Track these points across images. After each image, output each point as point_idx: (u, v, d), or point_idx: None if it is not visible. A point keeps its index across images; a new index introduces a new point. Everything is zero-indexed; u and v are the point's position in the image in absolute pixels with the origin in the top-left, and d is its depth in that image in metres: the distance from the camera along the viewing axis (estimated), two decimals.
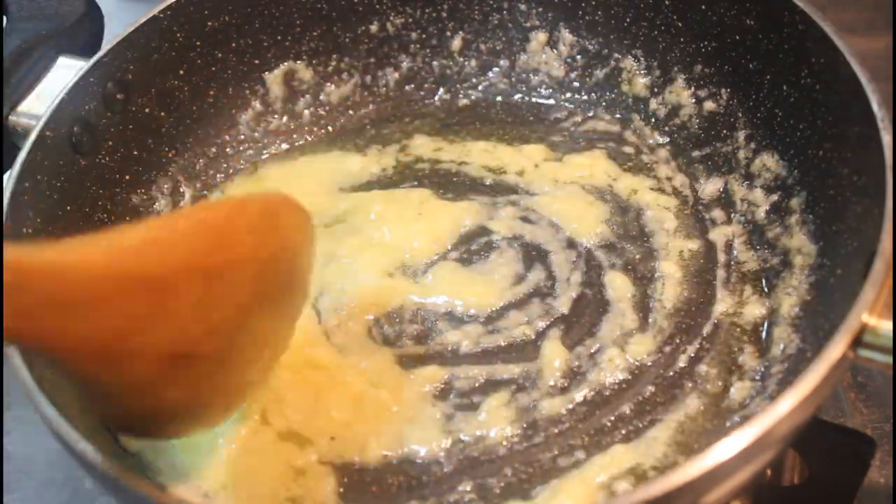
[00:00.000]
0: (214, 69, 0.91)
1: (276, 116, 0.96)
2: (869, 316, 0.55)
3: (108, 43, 0.82)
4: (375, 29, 0.96)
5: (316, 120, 0.97)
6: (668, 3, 0.87)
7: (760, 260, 0.79)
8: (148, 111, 0.86)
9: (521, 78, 0.97)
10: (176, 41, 0.87)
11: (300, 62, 0.95)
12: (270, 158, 0.94)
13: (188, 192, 0.89)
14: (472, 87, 0.98)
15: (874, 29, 1.14)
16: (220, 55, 0.91)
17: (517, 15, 0.96)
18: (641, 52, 0.91)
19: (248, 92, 0.94)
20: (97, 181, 0.81)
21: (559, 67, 0.95)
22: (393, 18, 0.96)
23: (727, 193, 0.84)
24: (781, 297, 0.74)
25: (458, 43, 0.97)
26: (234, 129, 0.94)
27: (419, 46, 0.97)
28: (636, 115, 0.92)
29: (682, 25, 0.87)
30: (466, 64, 0.98)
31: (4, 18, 0.88)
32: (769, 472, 0.73)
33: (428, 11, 0.96)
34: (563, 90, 0.96)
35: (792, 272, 0.74)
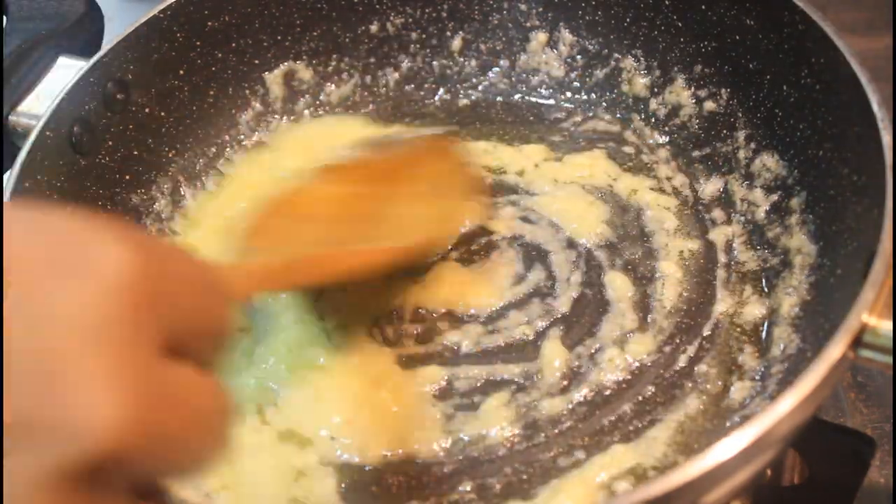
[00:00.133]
0: (214, 69, 0.91)
1: (276, 116, 0.96)
2: (869, 316, 0.55)
3: (108, 43, 0.82)
4: (375, 29, 0.96)
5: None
6: (668, 3, 0.87)
7: (760, 260, 0.79)
8: (148, 111, 0.86)
9: (521, 78, 0.97)
10: (176, 41, 0.87)
11: (300, 62, 0.95)
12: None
13: (188, 192, 0.89)
14: (472, 87, 0.98)
15: (874, 29, 1.14)
16: (220, 55, 0.91)
17: (517, 15, 0.96)
18: (641, 52, 0.91)
19: (248, 92, 0.94)
20: (97, 181, 0.81)
21: (559, 67, 0.95)
22: (393, 18, 0.96)
23: (727, 193, 0.84)
24: (781, 297, 0.74)
25: (458, 43, 0.97)
26: (234, 129, 0.94)
27: (419, 46, 0.97)
28: (636, 115, 0.92)
29: (682, 25, 0.87)
30: (466, 64, 0.98)
31: (4, 18, 0.88)
32: (769, 472, 0.73)
33: (428, 11, 0.96)
34: (563, 90, 0.96)
35: (792, 272, 0.75)
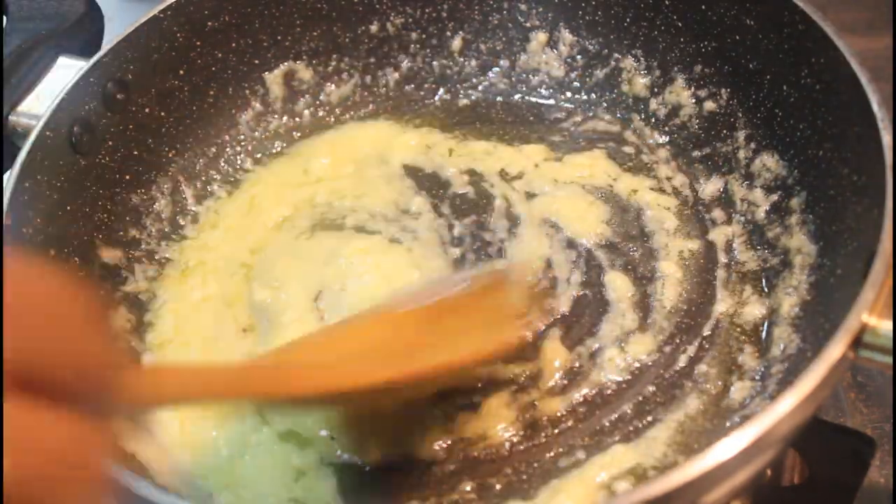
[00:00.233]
0: (214, 69, 0.91)
1: (276, 116, 0.95)
2: (869, 316, 0.55)
3: (108, 43, 0.82)
4: (375, 29, 0.96)
5: (316, 120, 0.97)
6: (668, 3, 0.87)
7: (760, 260, 0.79)
8: (148, 111, 0.86)
9: (521, 78, 0.97)
10: (176, 41, 0.87)
11: (300, 62, 0.95)
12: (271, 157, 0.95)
13: (188, 191, 0.89)
14: (472, 87, 0.98)
15: (874, 29, 1.14)
16: (220, 55, 0.91)
17: (517, 15, 0.96)
18: (641, 52, 0.91)
19: (248, 92, 0.94)
20: (97, 181, 0.81)
21: (559, 67, 0.95)
22: (393, 18, 0.96)
23: (727, 193, 0.84)
24: (781, 297, 0.74)
25: (458, 43, 0.97)
26: (234, 129, 0.94)
27: (419, 46, 0.97)
28: (636, 115, 0.92)
29: (682, 25, 0.87)
30: (466, 64, 0.97)
31: (4, 18, 0.88)
32: (769, 472, 0.73)
33: (428, 11, 0.96)
34: (563, 90, 0.96)
35: (792, 272, 0.74)
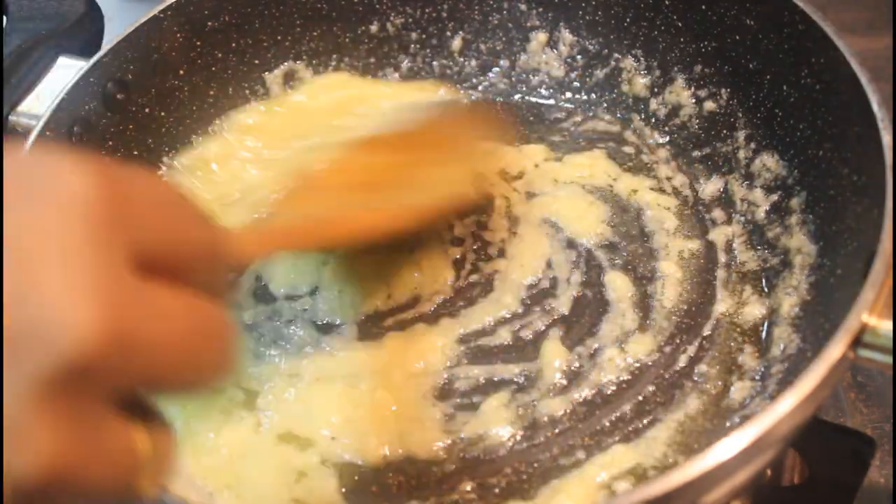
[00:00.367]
0: (214, 69, 0.91)
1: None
2: (869, 316, 0.55)
3: (108, 43, 0.82)
4: (375, 29, 0.96)
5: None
6: (668, 3, 0.87)
7: (760, 260, 0.79)
8: (148, 111, 0.86)
9: (521, 78, 0.97)
10: (176, 41, 0.87)
11: (300, 62, 0.95)
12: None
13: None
14: (472, 87, 0.98)
15: (874, 29, 1.14)
16: (220, 55, 0.91)
17: (517, 15, 0.96)
18: (641, 52, 0.91)
19: (247, 92, 0.94)
20: None
21: (559, 67, 0.95)
22: (393, 18, 0.96)
23: (727, 193, 0.84)
24: (781, 297, 0.74)
25: (458, 43, 0.97)
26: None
27: (419, 46, 0.97)
28: (636, 115, 0.92)
29: (682, 25, 0.87)
30: (466, 64, 0.98)
31: (4, 18, 0.88)
32: (769, 472, 0.73)
33: (428, 11, 0.96)
34: (563, 90, 0.96)
35: (792, 272, 0.74)
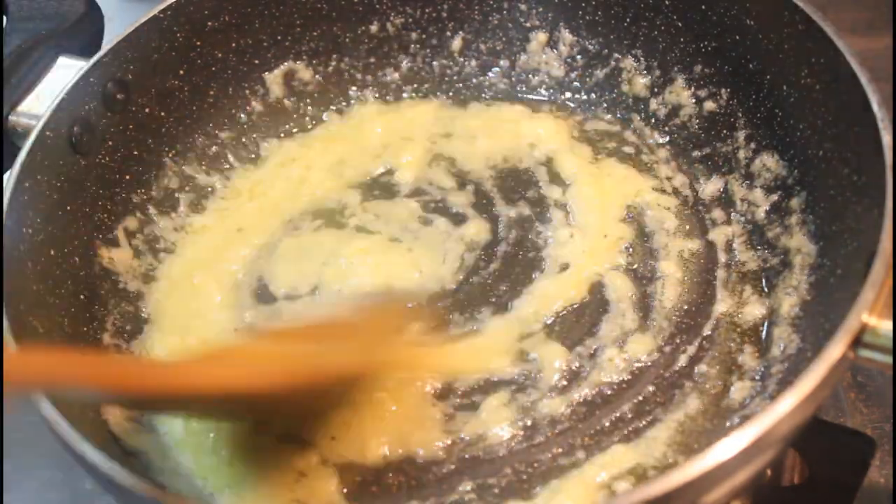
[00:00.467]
0: (214, 69, 0.91)
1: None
2: (869, 316, 0.55)
3: (108, 43, 0.82)
4: (375, 29, 0.96)
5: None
6: (668, 3, 0.87)
7: (760, 260, 0.79)
8: (148, 111, 0.86)
9: (521, 78, 0.97)
10: (176, 41, 0.87)
11: (300, 62, 0.95)
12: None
13: (188, 192, 0.89)
14: (473, 87, 0.98)
15: (874, 29, 1.14)
16: (220, 55, 0.91)
17: (517, 15, 0.96)
18: (641, 52, 0.91)
19: (248, 92, 0.94)
20: (97, 181, 0.81)
21: (559, 67, 0.95)
22: (393, 18, 0.96)
23: (727, 193, 0.84)
24: (781, 297, 0.74)
25: (458, 43, 0.97)
26: (234, 129, 0.93)
27: (419, 46, 0.97)
28: (636, 115, 0.92)
29: (682, 25, 0.87)
30: (466, 64, 0.97)
31: (4, 18, 0.88)
32: (769, 472, 0.73)
33: (428, 11, 0.96)
34: (563, 90, 0.96)
35: (792, 272, 0.74)
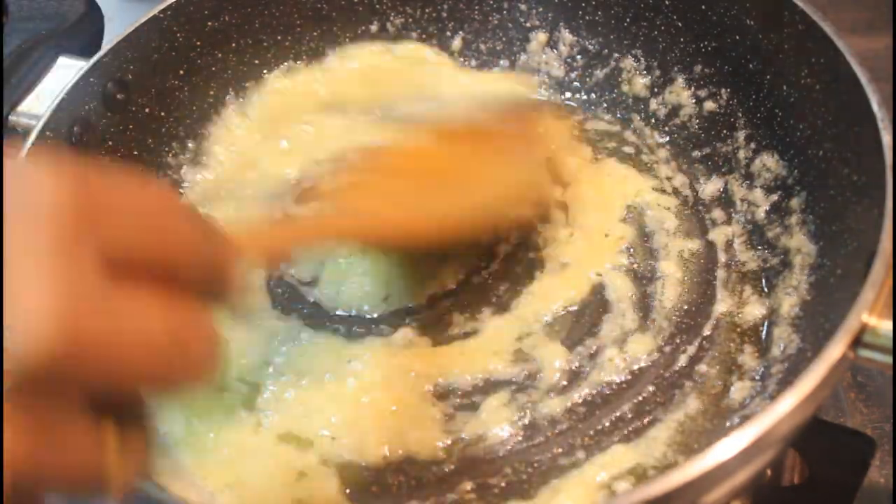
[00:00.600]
0: (214, 69, 0.91)
1: None
2: (869, 316, 0.55)
3: (108, 43, 0.82)
4: (375, 29, 0.96)
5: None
6: (668, 3, 0.87)
7: (760, 260, 0.79)
8: (148, 111, 0.86)
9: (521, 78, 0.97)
10: (176, 41, 0.87)
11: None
12: None
13: (188, 192, 0.89)
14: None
15: (874, 29, 1.14)
16: (220, 55, 0.91)
17: (517, 15, 0.96)
18: (641, 52, 0.91)
19: (248, 92, 0.94)
20: None
21: (559, 67, 0.95)
22: (393, 18, 0.96)
23: (727, 193, 0.84)
24: (781, 297, 0.74)
25: (458, 43, 0.97)
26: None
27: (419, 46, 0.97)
28: (636, 115, 0.92)
29: (682, 25, 0.87)
30: (466, 64, 0.97)
31: (4, 18, 0.88)
32: (769, 472, 0.73)
33: (428, 11, 0.96)
34: (563, 90, 0.96)
35: (792, 272, 0.74)
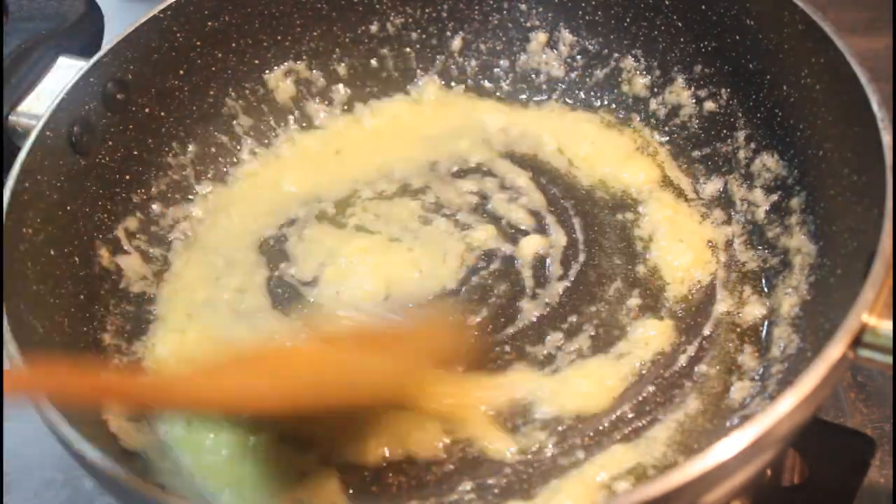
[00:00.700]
0: (214, 69, 0.91)
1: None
2: (869, 316, 0.55)
3: (108, 43, 0.82)
4: (375, 29, 0.96)
5: None
6: (668, 3, 0.87)
7: (760, 260, 0.79)
8: (148, 111, 0.86)
9: (521, 78, 0.97)
10: (176, 41, 0.87)
11: (300, 62, 0.95)
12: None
13: (188, 192, 0.89)
14: (472, 87, 0.97)
15: (874, 29, 1.14)
16: (220, 55, 0.91)
17: (517, 15, 0.96)
18: (641, 52, 0.91)
19: (248, 92, 0.94)
20: (97, 181, 0.81)
21: (559, 67, 0.95)
22: (393, 18, 0.96)
23: (727, 193, 0.84)
24: (781, 297, 0.74)
25: (458, 43, 0.97)
26: (234, 128, 0.93)
27: (419, 46, 0.97)
28: (636, 115, 0.92)
29: (682, 25, 0.87)
30: (466, 64, 0.97)
31: (4, 18, 0.88)
32: (769, 472, 0.73)
33: (428, 11, 0.96)
34: (562, 90, 0.95)
35: (792, 272, 0.74)
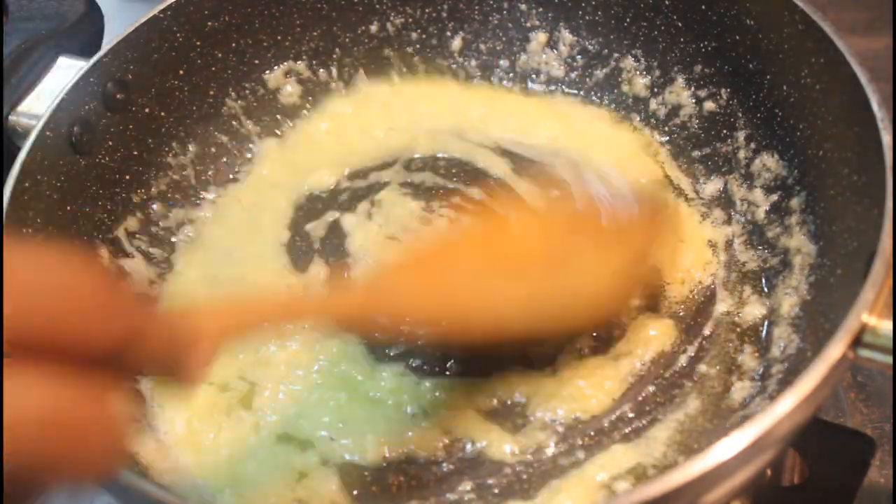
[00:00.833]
0: (214, 69, 0.91)
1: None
2: (869, 316, 0.55)
3: (108, 43, 0.82)
4: (375, 29, 0.96)
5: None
6: (668, 3, 0.87)
7: (760, 260, 0.79)
8: (148, 111, 0.86)
9: (521, 78, 0.97)
10: (176, 41, 0.87)
11: (300, 62, 0.95)
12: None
13: (188, 192, 0.89)
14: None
15: (874, 29, 1.14)
16: (220, 55, 0.91)
17: (517, 15, 0.96)
18: (641, 52, 0.91)
19: (248, 92, 0.94)
20: (97, 181, 0.81)
21: (559, 67, 0.95)
22: (393, 18, 0.96)
23: (727, 193, 0.84)
24: (781, 297, 0.74)
25: (458, 43, 0.97)
26: (234, 129, 0.93)
27: (419, 46, 0.97)
28: (636, 115, 0.92)
29: (682, 25, 0.87)
30: (466, 64, 0.97)
31: (4, 18, 0.88)
32: (769, 472, 0.73)
33: (428, 11, 0.96)
34: (563, 90, 0.95)
35: (792, 272, 0.74)
